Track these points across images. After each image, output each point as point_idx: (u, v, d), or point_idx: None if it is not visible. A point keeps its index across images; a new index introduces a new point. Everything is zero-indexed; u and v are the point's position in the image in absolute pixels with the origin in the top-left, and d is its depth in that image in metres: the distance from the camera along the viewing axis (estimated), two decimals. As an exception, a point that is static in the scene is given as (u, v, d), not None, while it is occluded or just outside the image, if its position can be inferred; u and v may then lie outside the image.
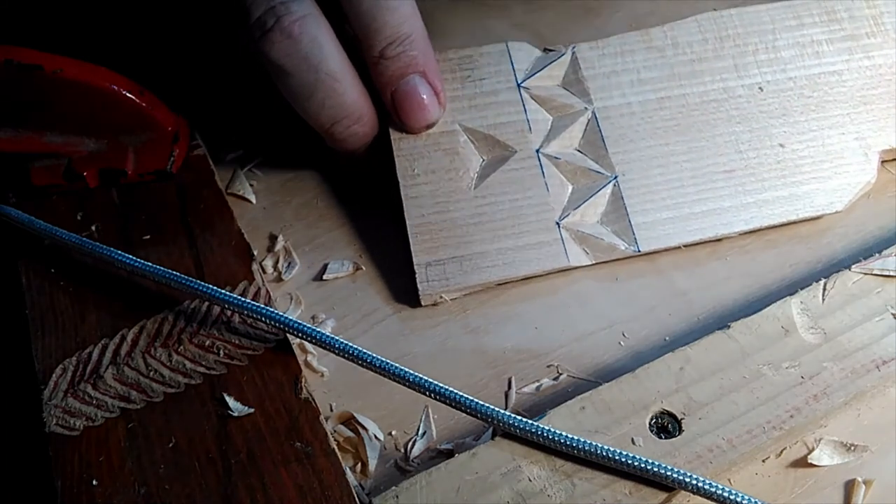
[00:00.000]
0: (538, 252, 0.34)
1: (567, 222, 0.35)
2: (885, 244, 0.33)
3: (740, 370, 0.29)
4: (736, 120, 0.38)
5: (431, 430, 0.31)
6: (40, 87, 0.35)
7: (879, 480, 0.28)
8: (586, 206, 0.35)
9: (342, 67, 0.35)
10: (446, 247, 0.34)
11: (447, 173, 0.36)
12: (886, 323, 0.30)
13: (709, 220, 0.35)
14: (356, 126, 0.36)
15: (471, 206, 0.35)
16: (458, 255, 0.34)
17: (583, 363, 0.32)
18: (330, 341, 0.30)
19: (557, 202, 0.35)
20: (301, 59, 0.34)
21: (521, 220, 0.35)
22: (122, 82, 0.36)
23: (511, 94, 0.38)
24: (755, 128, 0.37)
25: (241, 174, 0.41)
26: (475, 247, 0.34)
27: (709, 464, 0.27)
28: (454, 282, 0.34)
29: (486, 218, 0.35)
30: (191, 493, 0.28)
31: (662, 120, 0.38)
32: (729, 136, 0.37)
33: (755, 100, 0.38)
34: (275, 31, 0.33)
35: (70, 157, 0.38)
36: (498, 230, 0.35)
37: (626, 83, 0.39)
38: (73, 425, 0.30)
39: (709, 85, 0.38)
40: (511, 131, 0.37)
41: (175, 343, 0.32)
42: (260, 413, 0.30)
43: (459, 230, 0.35)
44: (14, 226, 0.36)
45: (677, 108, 0.38)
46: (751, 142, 0.37)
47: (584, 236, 0.35)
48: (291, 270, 0.36)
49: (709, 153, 0.37)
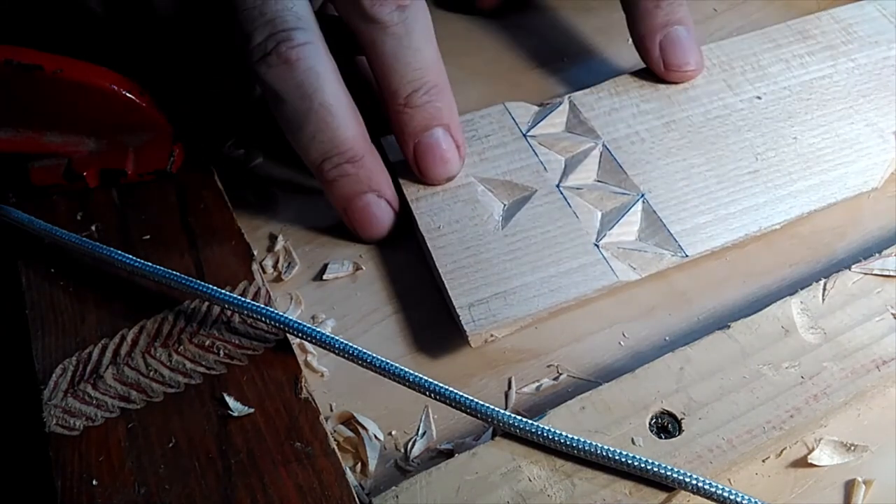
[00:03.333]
0: (584, 274, 0.33)
1: (605, 242, 0.34)
2: (885, 244, 0.33)
3: (740, 370, 0.29)
4: (745, 129, 0.38)
5: (431, 430, 0.31)
6: (40, 87, 0.35)
7: (879, 480, 0.28)
8: (621, 226, 0.35)
9: (338, 101, 0.33)
10: (486, 286, 0.33)
11: (471, 220, 0.35)
12: (886, 323, 0.30)
13: (748, 217, 0.35)
14: (348, 166, 0.34)
15: (502, 244, 0.34)
16: (501, 291, 0.33)
17: (583, 363, 0.32)
18: (330, 341, 0.30)
19: (590, 227, 0.35)
20: (295, 87, 0.33)
21: (557, 248, 0.34)
22: (122, 82, 0.36)
23: (519, 143, 0.38)
24: (765, 132, 0.38)
25: (241, 174, 0.41)
26: (516, 280, 0.33)
27: (709, 464, 0.27)
28: (502, 316, 0.32)
29: (520, 252, 0.34)
30: (191, 493, 0.28)
31: (673, 140, 0.38)
32: (743, 143, 0.37)
33: (757, 109, 0.39)
34: (272, 56, 0.33)
35: (70, 157, 0.38)
36: (536, 261, 0.34)
37: (628, 116, 0.39)
38: (73, 425, 0.30)
39: (708, 105, 0.39)
40: (527, 173, 0.37)
41: (175, 343, 0.32)
42: (260, 413, 0.30)
43: (496, 268, 0.33)
44: (14, 226, 0.36)
45: (684, 128, 0.38)
46: (766, 144, 0.37)
47: (626, 252, 0.34)
48: (291, 270, 0.36)
49: (728, 160, 0.37)
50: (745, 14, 0.48)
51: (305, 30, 0.33)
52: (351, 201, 0.36)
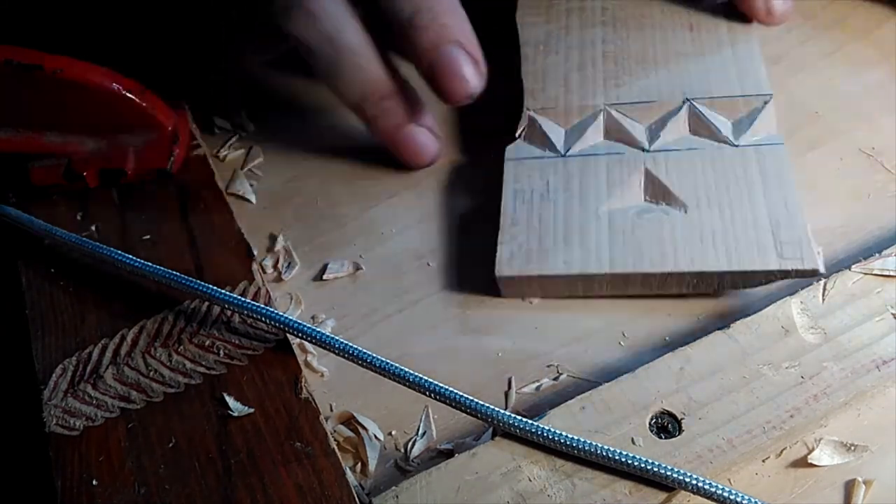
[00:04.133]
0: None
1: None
2: (885, 244, 0.33)
3: (740, 370, 0.29)
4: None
5: (431, 430, 0.31)
6: (40, 87, 0.35)
7: (879, 480, 0.28)
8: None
9: (361, 42, 0.35)
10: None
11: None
12: (886, 323, 0.30)
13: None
14: (385, 102, 0.36)
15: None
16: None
17: (583, 363, 0.32)
18: (330, 341, 0.30)
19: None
20: (321, 35, 0.34)
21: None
22: (123, 82, 0.36)
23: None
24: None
25: (241, 174, 0.41)
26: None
27: (709, 464, 0.27)
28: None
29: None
30: (191, 493, 0.28)
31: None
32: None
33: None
34: (295, 9, 0.34)
35: (70, 157, 0.38)
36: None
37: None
38: (73, 425, 0.30)
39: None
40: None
41: (175, 343, 0.32)
42: (260, 413, 0.30)
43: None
44: (14, 226, 0.36)
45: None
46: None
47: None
48: (291, 270, 0.36)
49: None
50: (745, 14, 0.47)
51: None
52: (395, 134, 0.37)
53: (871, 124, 0.40)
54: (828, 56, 0.44)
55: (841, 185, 0.38)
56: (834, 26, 0.46)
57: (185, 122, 0.40)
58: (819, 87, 0.42)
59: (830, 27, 0.46)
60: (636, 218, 0.34)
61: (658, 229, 0.33)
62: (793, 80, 0.43)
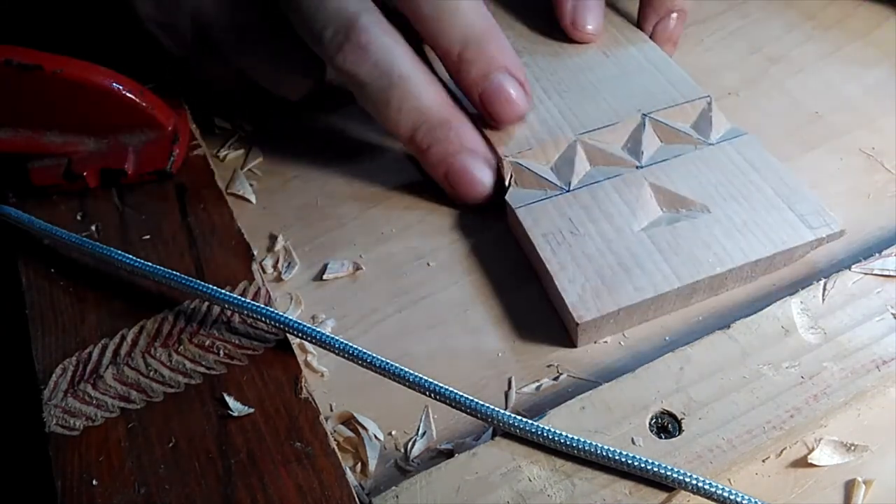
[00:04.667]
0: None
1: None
2: (885, 244, 0.33)
3: (740, 370, 0.29)
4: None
5: (431, 430, 0.31)
6: (40, 87, 0.35)
7: (879, 480, 0.28)
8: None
9: (415, 70, 0.35)
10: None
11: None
12: (886, 323, 0.30)
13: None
14: (438, 131, 0.36)
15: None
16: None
17: (583, 363, 0.32)
18: (330, 341, 0.30)
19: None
20: (372, 67, 0.34)
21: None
22: (123, 82, 0.36)
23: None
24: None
25: (241, 174, 0.41)
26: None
27: (709, 464, 0.27)
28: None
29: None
30: (191, 493, 0.28)
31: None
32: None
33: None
34: (346, 46, 0.34)
35: (70, 157, 0.38)
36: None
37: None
38: (73, 425, 0.30)
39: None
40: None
41: (175, 343, 0.32)
42: (260, 413, 0.30)
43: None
44: (14, 226, 0.36)
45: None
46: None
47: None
48: (291, 270, 0.36)
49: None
50: (745, 14, 0.48)
51: (368, 11, 0.34)
52: (448, 164, 0.36)
53: (871, 124, 0.40)
54: (828, 56, 0.44)
55: (841, 185, 0.38)
56: (834, 26, 0.46)
57: (185, 122, 0.40)
58: (819, 87, 0.42)
59: (830, 27, 0.46)
60: (670, 229, 0.34)
61: (696, 233, 0.33)
62: (793, 80, 0.43)
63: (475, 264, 0.36)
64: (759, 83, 0.43)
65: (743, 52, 0.45)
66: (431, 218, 0.38)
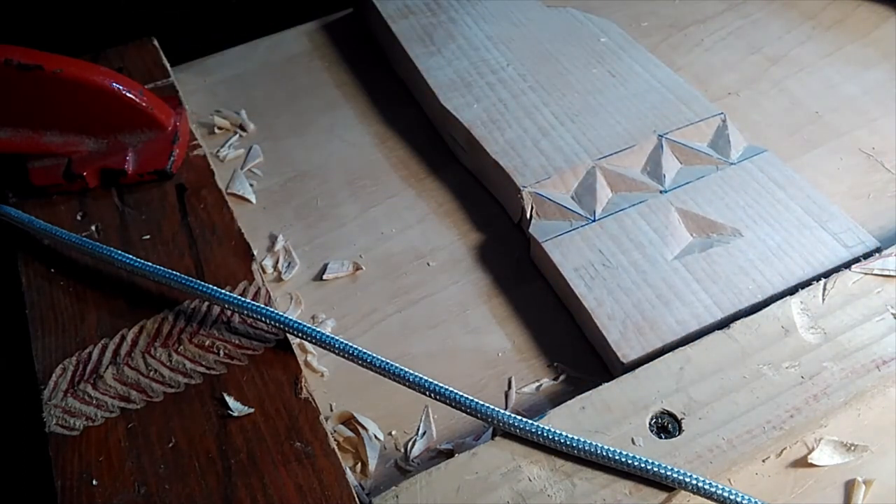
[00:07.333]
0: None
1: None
2: (885, 244, 0.33)
3: (740, 370, 0.29)
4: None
5: (431, 430, 0.31)
6: (40, 87, 0.35)
7: (879, 480, 0.28)
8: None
9: None
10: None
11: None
12: (886, 323, 0.30)
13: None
14: None
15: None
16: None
17: (583, 363, 0.32)
18: (330, 341, 0.30)
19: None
20: None
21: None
22: (123, 82, 0.36)
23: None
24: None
25: (241, 174, 0.41)
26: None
27: (709, 464, 0.27)
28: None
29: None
30: (191, 493, 0.28)
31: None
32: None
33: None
34: None
35: (70, 157, 0.38)
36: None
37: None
38: (73, 425, 0.30)
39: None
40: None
41: (175, 343, 0.32)
42: (260, 413, 0.30)
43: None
44: (14, 226, 0.36)
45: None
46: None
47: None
48: (291, 270, 0.36)
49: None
50: (744, 14, 0.48)
51: None
52: None
53: (871, 124, 0.40)
54: (828, 56, 0.44)
55: (841, 185, 0.38)
56: (834, 26, 0.46)
57: (184, 122, 0.40)
58: (819, 87, 0.43)
59: (830, 27, 0.46)
60: (705, 256, 0.33)
61: (732, 259, 0.33)
62: (793, 80, 0.43)
63: (475, 264, 0.36)
64: (759, 83, 0.43)
65: (743, 52, 0.45)
66: (431, 218, 0.38)
